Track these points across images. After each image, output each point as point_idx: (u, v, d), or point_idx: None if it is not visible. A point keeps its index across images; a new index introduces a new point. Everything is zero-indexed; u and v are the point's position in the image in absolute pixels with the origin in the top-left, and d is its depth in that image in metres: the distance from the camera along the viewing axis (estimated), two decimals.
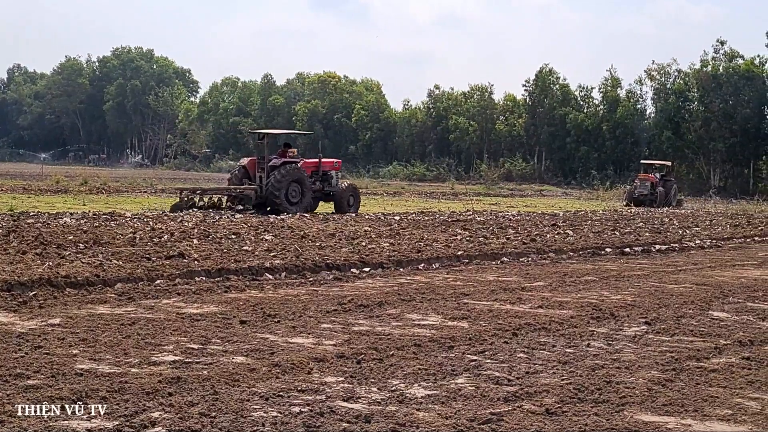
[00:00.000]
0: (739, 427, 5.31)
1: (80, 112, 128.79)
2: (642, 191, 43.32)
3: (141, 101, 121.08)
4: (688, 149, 68.88)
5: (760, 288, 12.01)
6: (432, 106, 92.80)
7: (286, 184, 25.76)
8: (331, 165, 28.91)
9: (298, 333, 7.84)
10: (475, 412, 5.39)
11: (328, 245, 15.30)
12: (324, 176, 27.83)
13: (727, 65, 69.19)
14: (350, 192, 28.23)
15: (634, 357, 7.15)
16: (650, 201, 42.62)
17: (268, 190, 25.55)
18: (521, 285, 11.68)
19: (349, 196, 27.98)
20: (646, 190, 43.35)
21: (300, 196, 26.14)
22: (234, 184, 26.76)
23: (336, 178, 28.51)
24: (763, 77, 67.93)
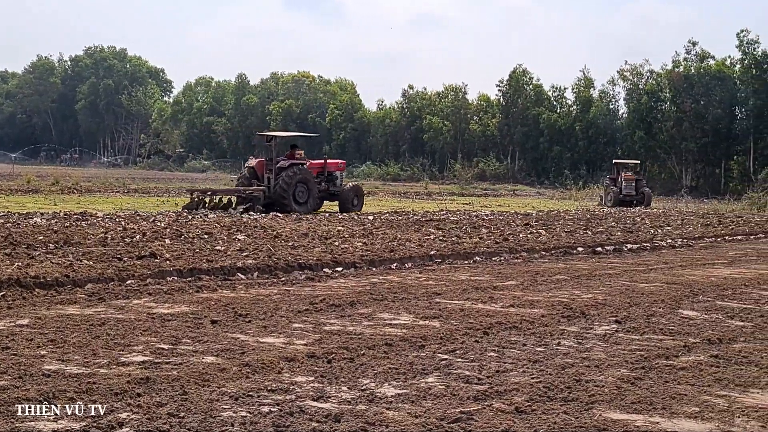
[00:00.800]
0: (706, 425, 5.34)
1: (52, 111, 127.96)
2: (629, 191, 43.11)
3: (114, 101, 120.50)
4: (660, 149, 69.38)
5: (730, 287, 12.11)
6: (406, 106, 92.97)
7: (293, 185, 26.78)
8: (336, 166, 30.11)
9: (269, 333, 7.82)
10: (445, 411, 5.40)
11: (301, 245, 15.28)
12: (329, 177, 28.95)
13: (698, 66, 69.76)
14: (354, 192, 29.22)
15: (604, 355, 7.19)
16: (637, 201, 42.66)
17: (276, 190, 26.58)
18: (493, 284, 11.71)
19: (354, 196, 28.97)
20: (633, 190, 43.21)
21: (307, 196, 27.25)
22: (243, 184, 27.83)
23: (341, 178, 29.69)
24: (734, 78, 68.53)
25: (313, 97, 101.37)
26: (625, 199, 42.80)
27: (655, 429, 5.22)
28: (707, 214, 35.22)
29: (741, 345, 7.85)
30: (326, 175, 28.94)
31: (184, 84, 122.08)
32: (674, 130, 68.83)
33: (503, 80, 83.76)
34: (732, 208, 42.47)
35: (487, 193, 56.15)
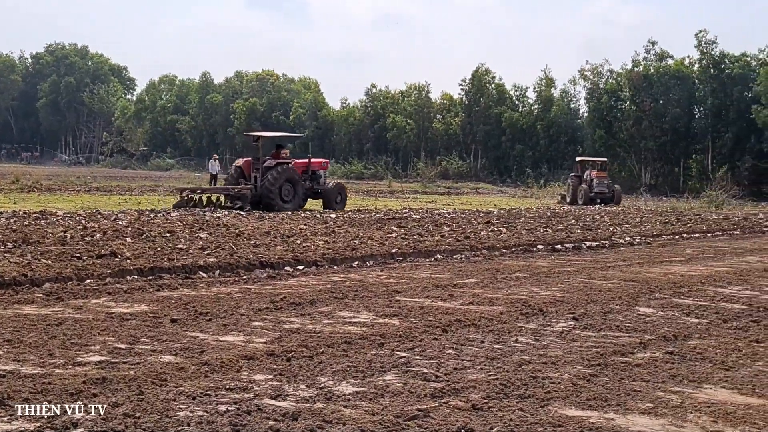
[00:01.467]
0: (660, 420, 5.43)
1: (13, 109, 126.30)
2: (602, 189, 42.64)
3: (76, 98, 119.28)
4: (620, 148, 69.94)
5: (687, 284, 12.26)
6: (369, 105, 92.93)
7: (279, 184, 27.56)
8: (320, 165, 31.08)
9: (229, 331, 7.81)
10: (402, 409, 5.44)
11: (263, 243, 15.26)
12: (313, 175, 29.94)
13: (657, 66, 70.37)
14: (338, 190, 30.15)
15: (561, 352, 7.27)
16: (609, 199, 42.27)
17: (263, 189, 27.39)
18: (453, 282, 11.78)
19: (337, 194, 29.90)
20: (605, 188, 42.79)
21: (292, 194, 28.09)
22: (231, 183, 28.64)
23: (324, 177, 30.82)
24: (693, 78, 69.25)
25: (277, 95, 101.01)
26: (597, 197, 42.30)
27: (610, 425, 5.29)
28: (666, 212, 35.59)
29: (696, 342, 7.96)
30: (310, 174, 29.78)
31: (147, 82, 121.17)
32: (634, 129, 69.42)
33: (466, 79, 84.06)
34: (690, 206, 42.92)
35: (449, 192, 56.32)
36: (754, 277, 13.49)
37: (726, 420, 5.44)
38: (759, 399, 5.98)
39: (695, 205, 42.71)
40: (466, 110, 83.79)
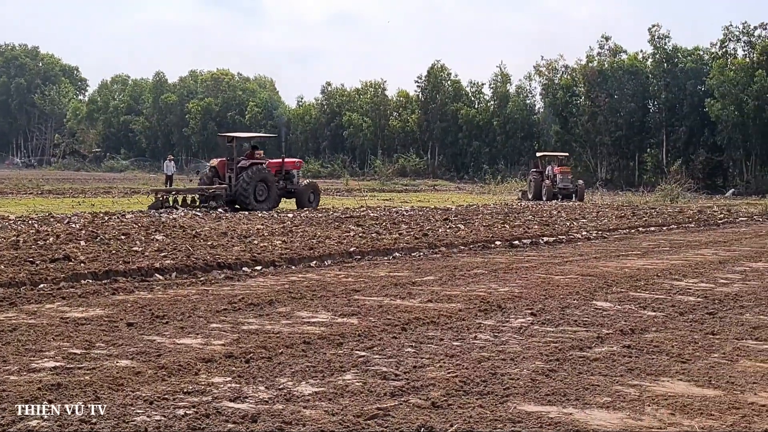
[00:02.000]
0: (618, 414, 5.46)
1: None
2: (566, 185, 41.96)
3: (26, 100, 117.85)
4: (576, 143, 70.52)
5: (643, 277, 12.36)
6: (325, 103, 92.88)
7: (254, 184, 27.89)
8: (293, 164, 31.58)
9: (186, 334, 7.74)
10: (362, 408, 5.42)
11: (220, 244, 15.16)
12: (287, 175, 30.31)
13: (611, 61, 71.06)
14: (311, 189, 30.58)
15: (519, 348, 7.29)
16: (573, 195, 41.63)
17: (237, 189, 27.71)
18: (412, 280, 11.78)
19: (310, 193, 30.31)
20: (569, 183, 42.16)
21: (266, 194, 28.39)
22: (205, 184, 28.91)
23: (297, 176, 31.17)
24: (646, 72, 70.00)
25: (232, 94, 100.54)
26: (561, 192, 41.57)
27: (568, 420, 5.31)
28: (622, 206, 35.90)
29: (653, 335, 8.03)
30: (284, 173, 30.18)
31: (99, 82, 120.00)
32: (589, 124, 70.04)
33: (422, 76, 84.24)
34: (646, 200, 43.33)
35: (407, 189, 56.37)
36: (710, 269, 13.64)
37: (683, 412, 5.49)
38: (715, 391, 6.04)
39: (650, 199, 43.13)
40: (423, 107, 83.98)
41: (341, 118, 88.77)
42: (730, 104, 60.40)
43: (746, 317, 9.09)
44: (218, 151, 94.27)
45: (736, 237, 20.98)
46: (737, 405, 5.65)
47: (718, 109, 61.03)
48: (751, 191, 56.41)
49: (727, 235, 21.83)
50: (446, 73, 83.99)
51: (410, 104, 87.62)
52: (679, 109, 66.97)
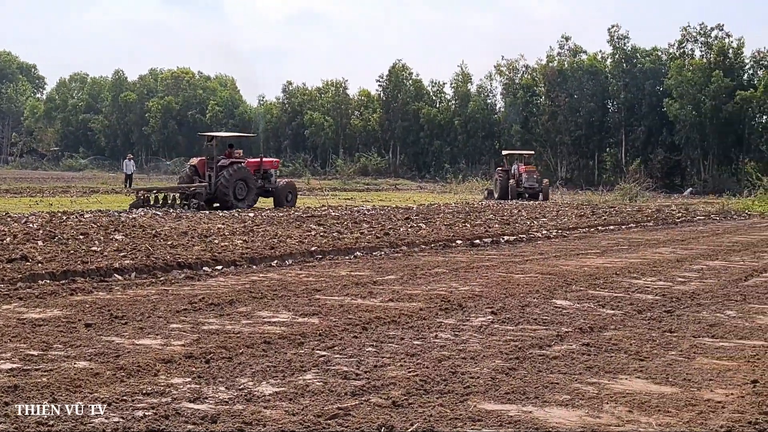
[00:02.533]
0: (576, 412, 5.50)
1: None
2: (532, 184, 41.26)
3: None
4: (537, 142, 70.96)
5: (601, 276, 12.47)
6: (287, 102, 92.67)
7: (233, 182, 28.44)
8: (271, 164, 32.05)
9: (145, 334, 7.68)
10: (323, 408, 5.42)
11: (180, 244, 15.07)
12: (265, 174, 30.71)
13: (571, 61, 71.65)
14: (288, 189, 31.21)
15: (480, 347, 7.32)
16: (539, 194, 40.97)
17: (217, 187, 28.19)
18: (373, 279, 11.79)
19: (288, 192, 30.94)
20: (535, 182, 41.41)
21: (246, 192, 28.92)
22: (185, 182, 29.26)
23: (275, 176, 31.73)
24: (606, 72, 70.63)
25: (193, 93, 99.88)
26: (526, 191, 40.95)
27: (528, 418, 5.34)
28: (581, 205, 36.19)
29: (611, 333, 8.10)
30: (262, 173, 30.57)
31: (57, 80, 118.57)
32: (549, 124, 70.57)
33: (383, 75, 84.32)
34: (605, 198, 43.69)
35: (369, 188, 56.41)
36: (667, 268, 13.80)
37: (641, 409, 5.55)
38: (672, 388, 6.11)
39: (610, 198, 43.50)
40: (384, 106, 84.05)
41: (303, 117, 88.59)
42: (687, 104, 61.16)
43: (703, 315, 9.20)
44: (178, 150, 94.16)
45: (693, 235, 21.23)
46: (694, 402, 5.72)
47: (676, 109, 61.76)
48: (708, 190, 57.13)
49: (684, 233, 22.09)
50: (408, 72, 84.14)
51: (372, 103, 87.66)
52: (638, 108, 67.69)
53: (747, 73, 64.43)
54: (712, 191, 55.70)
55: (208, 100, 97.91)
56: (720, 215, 31.24)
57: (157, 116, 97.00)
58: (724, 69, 61.75)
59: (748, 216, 32.11)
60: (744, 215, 32.43)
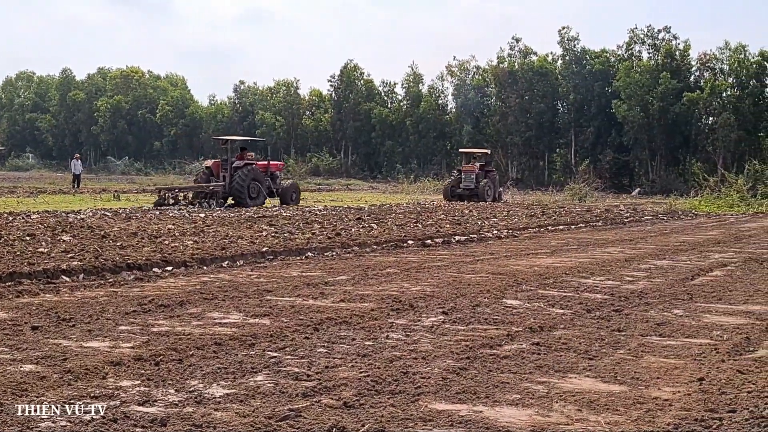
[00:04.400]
0: (526, 411, 5.54)
1: None
2: (468, 185, 39.63)
3: None
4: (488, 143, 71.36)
5: (551, 275, 12.58)
6: (238, 102, 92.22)
7: (248, 182, 30.92)
8: (277, 166, 35.08)
9: (94, 337, 7.59)
10: (273, 409, 5.39)
11: (129, 245, 14.91)
12: (272, 175, 33.12)
13: (522, 62, 72.19)
14: (293, 189, 33.96)
15: (431, 347, 7.34)
16: (477, 195, 39.11)
17: (233, 187, 30.67)
18: (324, 279, 11.77)
19: (293, 192, 33.56)
20: (472, 183, 39.71)
21: (258, 191, 31.41)
22: (201, 182, 31.62)
23: (280, 177, 34.59)
24: (556, 73, 71.29)
25: (142, 92, 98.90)
26: (464, 193, 39.56)
27: (478, 418, 5.37)
28: (532, 205, 36.47)
29: (561, 332, 8.17)
30: (269, 174, 32.91)
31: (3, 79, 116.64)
32: (500, 124, 71.08)
33: (335, 75, 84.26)
34: (555, 199, 44.11)
35: (320, 189, 56.30)
36: (616, 267, 13.96)
37: (590, 408, 5.60)
38: (621, 386, 6.17)
39: (560, 198, 43.93)
40: (336, 106, 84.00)
41: (254, 116, 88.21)
42: (635, 105, 61.97)
43: (651, 314, 9.31)
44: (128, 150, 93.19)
45: (641, 235, 21.50)
46: (641, 400, 5.79)
47: (624, 110, 62.53)
48: (656, 190, 57.91)
49: (633, 233, 22.36)
50: (359, 72, 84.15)
51: (323, 103, 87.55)
52: (587, 109, 68.45)
53: (693, 75, 65.45)
54: (659, 191, 56.47)
55: (159, 99, 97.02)
56: (667, 215, 31.70)
57: (106, 116, 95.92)
58: (671, 71, 62.65)
59: (695, 216, 32.62)
60: (691, 215, 32.94)
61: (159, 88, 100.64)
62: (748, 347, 7.56)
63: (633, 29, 67.07)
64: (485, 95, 74.93)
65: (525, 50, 73.43)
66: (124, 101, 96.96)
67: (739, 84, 61.08)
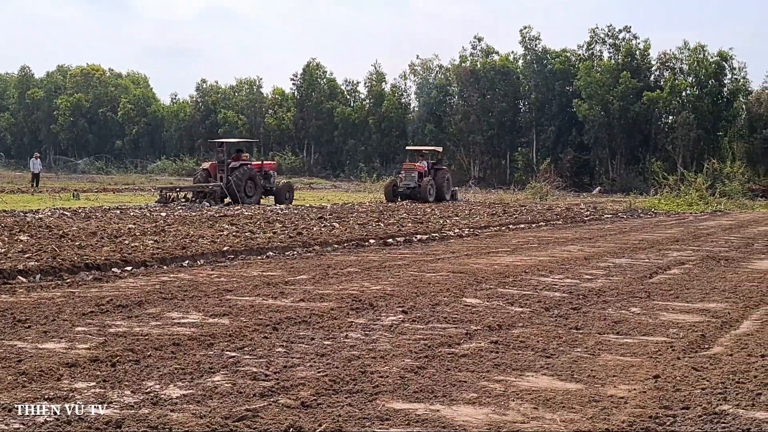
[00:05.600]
0: (483, 409, 5.57)
1: None
2: (408, 184, 37.56)
3: None
4: (450, 141, 71.63)
5: (511, 274, 12.65)
6: (200, 100, 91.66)
7: (244, 182, 32.43)
8: (270, 166, 36.76)
9: (49, 338, 7.52)
10: (231, 410, 5.38)
11: (88, 244, 14.77)
12: (266, 175, 34.65)
13: (484, 61, 72.46)
14: (287, 188, 35.07)
15: (390, 346, 7.36)
16: (418, 195, 36.99)
17: (230, 186, 32.00)
18: (285, 279, 11.75)
19: (286, 191, 34.61)
20: (413, 182, 37.55)
21: (254, 191, 32.94)
22: (199, 182, 33.22)
23: (274, 176, 35.99)
24: (517, 72, 71.66)
25: (103, 90, 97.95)
26: (405, 192, 37.38)
27: (435, 417, 5.39)
28: (493, 203, 36.63)
29: (519, 330, 8.22)
30: (264, 174, 34.37)
31: None
32: (462, 123, 71.29)
33: (297, 74, 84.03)
34: (516, 197, 44.33)
35: None
36: (575, 265, 14.06)
37: (546, 406, 5.64)
38: (577, 384, 6.23)
39: (521, 197, 44.15)
40: (299, 105, 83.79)
41: (216, 115, 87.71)
42: (596, 104, 62.48)
43: (608, 312, 9.40)
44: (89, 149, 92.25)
45: (601, 234, 21.68)
46: (597, 398, 5.84)
47: (585, 109, 63.01)
48: (616, 189, 58.41)
49: (592, 231, 22.54)
50: (322, 71, 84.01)
51: (286, 102, 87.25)
52: (549, 109, 68.84)
53: (653, 75, 66.02)
54: (619, 190, 56.97)
55: (120, 97, 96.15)
56: (627, 213, 31.98)
57: (66, 114, 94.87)
58: (631, 70, 63.20)
59: (654, 214, 32.95)
60: (650, 213, 33.27)
61: (120, 86, 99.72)
62: (703, 345, 7.65)
63: (594, 29, 67.60)
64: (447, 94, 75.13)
65: (487, 49, 73.74)
66: (84, 99, 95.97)
67: (698, 83, 61.73)
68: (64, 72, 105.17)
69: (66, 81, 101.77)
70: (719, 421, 5.26)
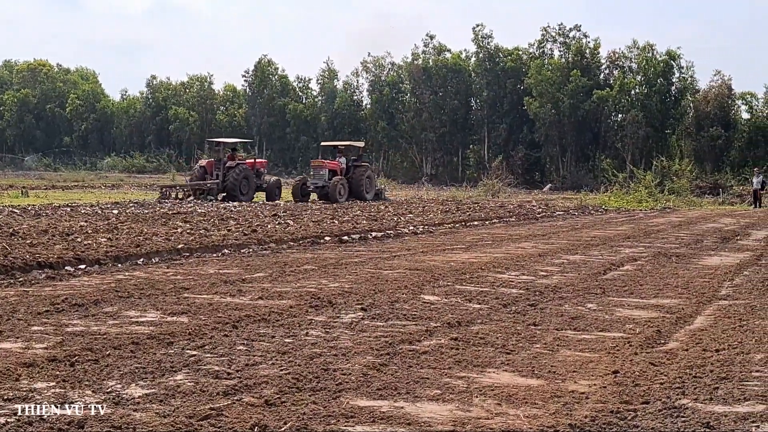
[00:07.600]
0: (447, 406, 5.59)
1: None
2: (316, 183, 34.87)
3: None
4: (402, 139, 71.88)
5: (468, 271, 12.70)
6: (151, 96, 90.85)
7: (240, 180, 33.91)
8: (261, 164, 38.20)
9: (5, 338, 7.39)
10: (194, 409, 5.34)
11: (40, 242, 14.56)
12: (257, 173, 35.86)
13: (436, 59, 72.75)
14: (277, 185, 36.64)
15: (351, 343, 7.36)
16: (327, 195, 34.03)
17: (227, 184, 33.65)
18: (242, 277, 11.69)
19: (276, 188, 36.21)
20: (321, 181, 34.76)
21: (248, 188, 34.37)
22: (197, 180, 34.64)
23: (265, 173, 37.50)
24: (469, 70, 72.02)
25: (51, 86, 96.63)
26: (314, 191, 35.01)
27: (400, 413, 5.40)
28: (447, 201, 36.77)
29: (478, 327, 8.26)
30: (256, 171, 35.63)
31: None
32: (415, 121, 71.54)
33: (249, 71, 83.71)
34: (469, 194, 44.56)
35: None
36: (530, 262, 14.17)
37: (509, 402, 5.68)
38: (538, 380, 6.28)
39: (474, 194, 44.39)
40: (250, 102, 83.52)
41: (167, 111, 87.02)
42: (547, 102, 63.10)
43: (565, 308, 9.49)
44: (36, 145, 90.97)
45: (553, 230, 21.88)
46: (559, 393, 5.90)
47: (536, 107, 63.58)
48: (566, 186, 59.01)
49: (545, 228, 22.73)
50: (274, 68, 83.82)
51: (237, 98, 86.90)
52: (500, 106, 69.34)
53: (603, 73, 66.82)
54: (570, 187, 57.55)
55: (69, 93, 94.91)
56: (578, 210, 32.32)
57: (13, 110, 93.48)
58: (581, 68, 63.91)
59: (605, 211, 33.35)
60: (601, 210, 33.66)
61: (69, 82, 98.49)
62: (659, 340, 7.76)
63: (545, 27, 68.23)
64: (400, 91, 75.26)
65: (439, 47, 74.06)
66: (31, 95, 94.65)
67: (647, 82, 62.55)
68: (11, 67, 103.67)
69: (12, 76, 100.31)
70: (679, 416, 5.34)
